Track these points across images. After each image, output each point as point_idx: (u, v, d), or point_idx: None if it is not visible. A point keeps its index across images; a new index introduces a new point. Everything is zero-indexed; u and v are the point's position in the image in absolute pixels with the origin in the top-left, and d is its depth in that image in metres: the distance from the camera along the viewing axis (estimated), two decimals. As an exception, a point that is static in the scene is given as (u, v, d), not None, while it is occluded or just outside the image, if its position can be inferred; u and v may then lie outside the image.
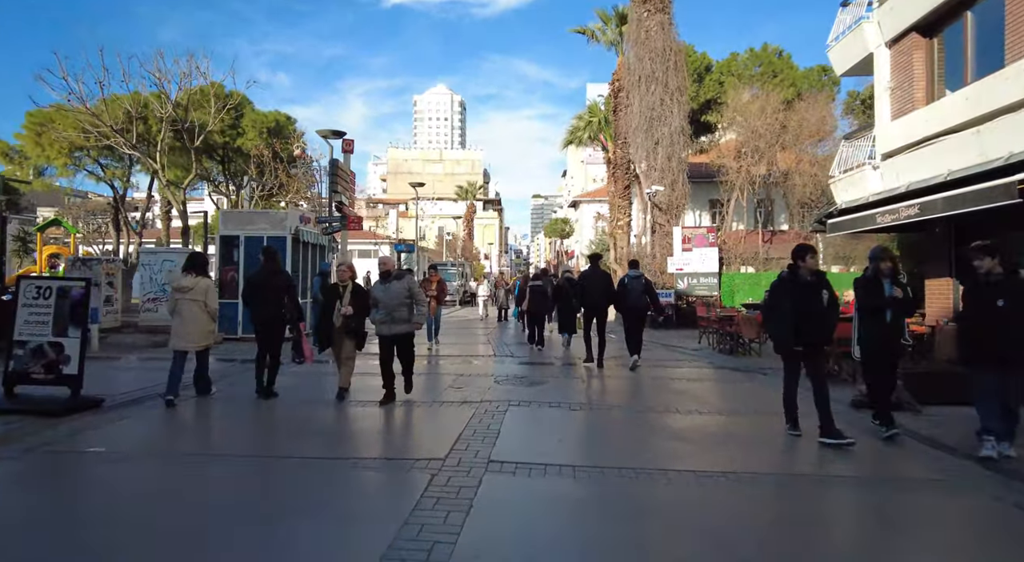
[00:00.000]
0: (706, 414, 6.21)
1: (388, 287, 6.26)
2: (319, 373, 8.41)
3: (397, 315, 6.25)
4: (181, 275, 6.47)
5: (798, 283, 5.08)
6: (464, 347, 12.72)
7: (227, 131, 25.54)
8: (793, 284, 5.10)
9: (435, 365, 9.66)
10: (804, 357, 5.15)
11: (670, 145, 18.61)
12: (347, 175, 10.79)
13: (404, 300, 6.28)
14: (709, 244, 17.70)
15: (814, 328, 4.99)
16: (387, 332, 6.35)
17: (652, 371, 9.44)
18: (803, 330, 4.96)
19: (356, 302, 6.39)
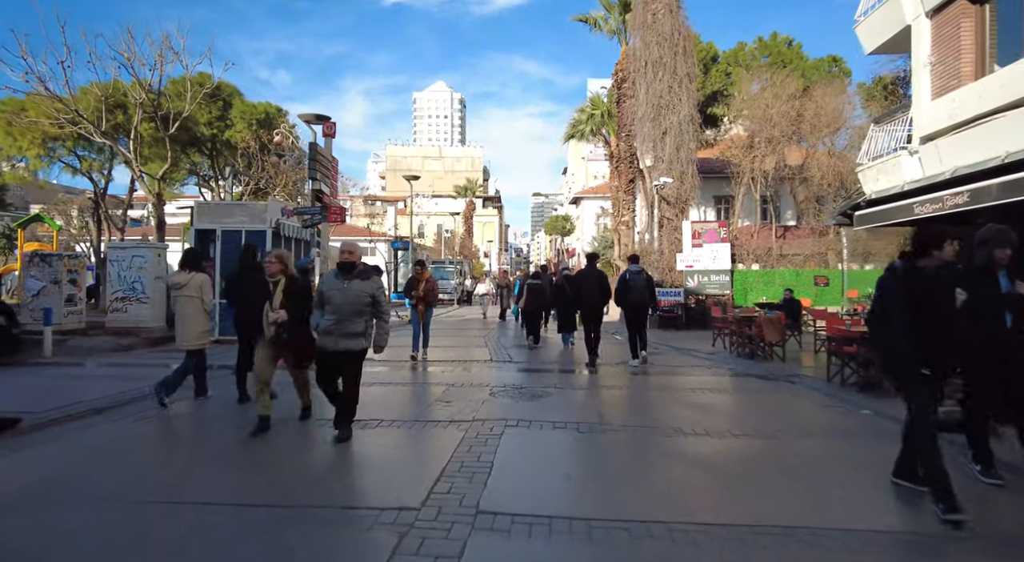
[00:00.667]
0: (742, 437, 5.18)
1: (347, 286, 4.72)
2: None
3: (349, 326, 4.72)
4: (176, 272, 6.38)
5: (923, 280, 3.61)
6: (459, 350, 11.69)
7: (215, 123, 24.46)
8: (917, 281, 3.61)
9: (423, 373, 8.63)
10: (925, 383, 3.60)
11: (679, 135, 17.55)
12: (328, 161, 9.77)
13: (364, 307, 4.79)
14: (721, 239, 16.66)
15: (947, 344, 3.59)
16: (331, 346, 4.75)
17: (668, 379, 8.41)
18: (933, 347, 3.52)
19: (292, 304, 4.89)
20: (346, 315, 4.71)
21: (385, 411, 6.11)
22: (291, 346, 5.01)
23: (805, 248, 17.65)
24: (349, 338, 4.75)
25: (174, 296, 6.26)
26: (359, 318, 4.78)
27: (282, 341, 4.93)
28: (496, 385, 7.48)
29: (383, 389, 7.40)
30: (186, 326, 6.17)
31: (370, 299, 4.78)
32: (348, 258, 4.79)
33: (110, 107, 19.05)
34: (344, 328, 4.73)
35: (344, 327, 4.74)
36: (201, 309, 6.21)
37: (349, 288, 4.72)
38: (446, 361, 9.87)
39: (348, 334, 4.74)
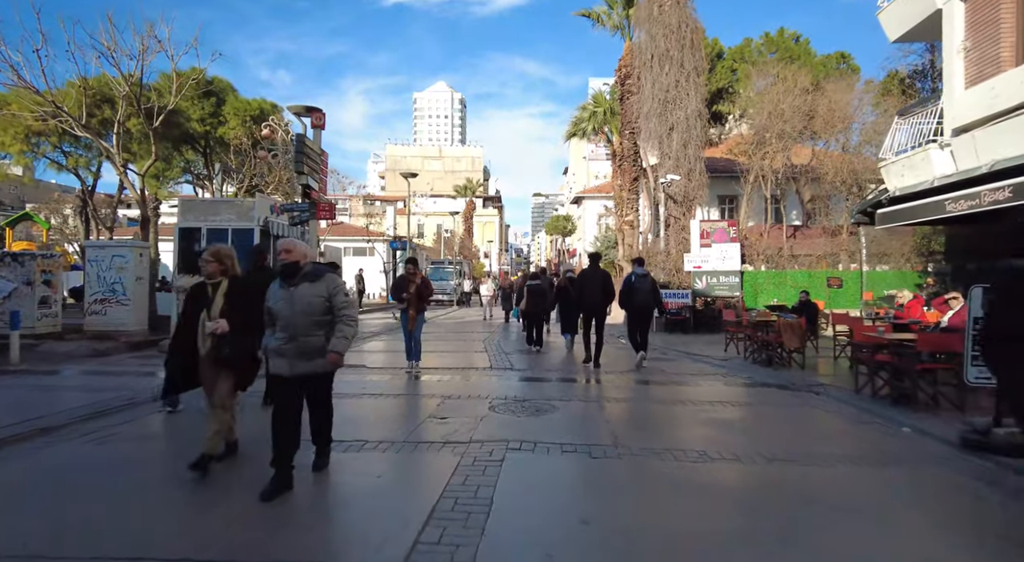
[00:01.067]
0: (776, 463, 4.52)
1: (293, 293, 3.76)
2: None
3: (306, 342, 3.76)
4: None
5: None
6: (457, 356, 11.04)
7: (208, 119, 23.83)
8: None
9: (416, 384, 7.96)
10: None
11: (686, 130, 16.90)
12: (317, 155, 9.13)
13: (320, 316, 3.81)
14: (730, 239, 16.00)
15: None
16: (285, 371, 3.78)
17: (682, 390, 7.75)
18: None
19: (236, 312, 4.05)
20: (300, 329, 3.74)
21: (372, 429, 5.46)
22: (232, 366, 4.09)
23: (817, 248, 16.99)
24: (307, 358, 3.77)
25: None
26: (317, 330, 3.80)
27: (222, 358, 4.03)
28: (496, 397, 6.82)
29: (373, 401, 6.75)
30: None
31: (326, 303, 3.80)
32: (286, 259, 3.77)
33: (97, 102, 18.42)
34: (300, 346, 3.75)
35: (299, 345, 3.75)
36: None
37: (296, 295, 3.75)
38: (443, 368, 9.22)
39: (305, 353, 3.76)
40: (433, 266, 36.90)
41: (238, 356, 4.07)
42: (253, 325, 4.00)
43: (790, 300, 16.09)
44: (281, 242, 3.88)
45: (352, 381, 7.84)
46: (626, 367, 9.64)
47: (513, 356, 10.74)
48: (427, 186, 67.11)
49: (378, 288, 36.28)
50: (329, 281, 3.85)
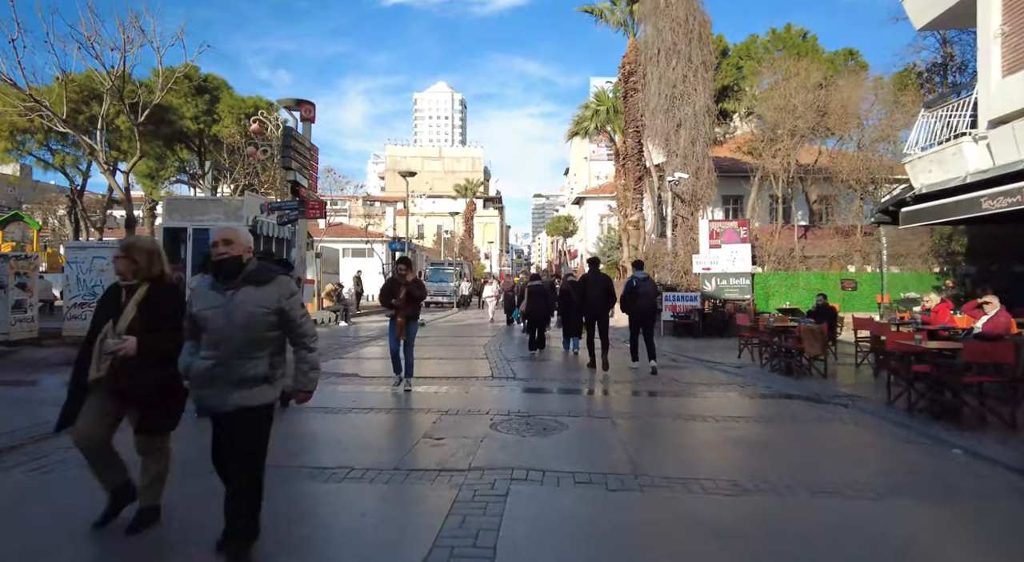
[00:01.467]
0: (822, 495, 3.91)
1: (231, 299, 2.80)
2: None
3: (241, 367, 2.79)
4: (192, 277, 5.95)
5: None
6: (455, 364, 10.43)
7: (201, 117, 23.33)
8: None
9: (411, 397, 7.34)
10: None
11: (694, 127, 16.30)
12: (306, 149, 8.53)
13: (264, 333, 2.86)
14: (741, 239, 15.39)
15: None
16: (215, 403, 2.83)
17: (700, 403, 7.14)
18: None
19: (149, 330, 3.09)
20: (235, 349, 2.76)
21: (359, 452, 4.86)
22: (139, 396, 3.09)
23: (829, 249, 16.37)
24: (241, 387, 2.78)
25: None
26: (258, 352, 2.83)
27: (123, 387, 3.04)
28: (498, 412, 6.22)
29: (363, 418, 6.15)
30: None
31: (274, 317, 2.83)
32: (225, 253, 2.79)
33: (85, 98, 17.87)
34: (232, 372, 2.77)
35: (232, 370, 2.77)
36: None
37: (235, 303, 2.77)
38: (440, 378, 8.61)
39: (239, 381, 2.78)
40: (433, 267, 36.32)
41: (142, 390, 3.05)
42: (168, 344, 3.04)
43: (802, 303, 15.49)
44: (218, 231, 2.91)
45: (342, 393, 7.24)
46: (634, 376, 9.04)
47: (515, 363, 10.14)
48: (426, 185, 66.59)
49: (377, 290, 35.72)
50: (281, 287, 2.85)
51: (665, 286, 15.64)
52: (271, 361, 2.88)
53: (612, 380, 8.64)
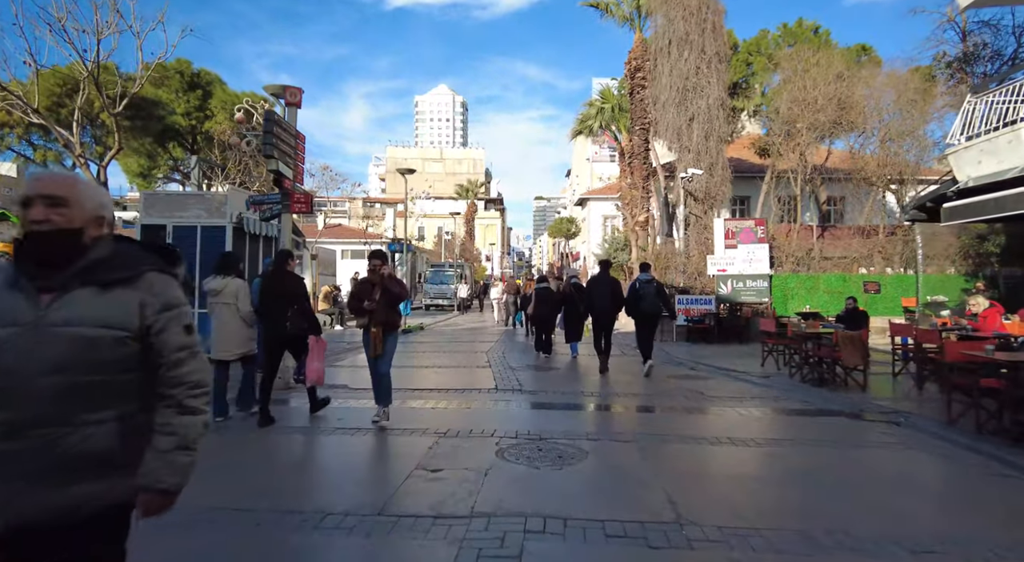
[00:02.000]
0: (925, 557, 3.05)
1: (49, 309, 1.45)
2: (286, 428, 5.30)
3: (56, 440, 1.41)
4: (211, 278, 6.00)
5: None
6: (456, 373, 9.58)
7: (194, 113, 22.55)
8: None
9: (405, 415, 6.47)
10: None
11: (708, 121, 15.47)
12: (291, 136, 7.71)
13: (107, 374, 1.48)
14: (758, 239, 14.54)
15: None
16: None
17: (734, 420, 6.28)
18: None
19: None
20: (41, 407, 1.41)
21: (338, 489, 4.01)
22: None
23: (850, 250, 15.50)
24: (56, 482, 1.42)
25: (209, 303, 5.96)
26: (94, 410, 1.47)
27: None
28: (505, 434, 5.36)
29: (346, 441, 5.29)
30: (221, 335, 5.89)
31: (128, 345, 1.53)
32: (45, 219, 1.47)
33: (68, 91, 17.06)
34: (39, 451, 1.41)
35: (36, 448, 1.40)
36: (238, 317, 5.89)
37: (51, 319, 1.45)
38: (439, 390, 7.74)
39: (52, 469, 1.42)
40: (433, 269, 35.47)
41: None
42: None
43: (823, 306, 14.63)
44: (35, 178, 1.60)
45: (328, 408, 6.39)
46: (650, 387, 8.19)
47: (521, 373, 9.27)
48: (426, 183, 65.77)
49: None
50: (149, 291, 1.57)
51: (678, 289, 14.79)
52: (120, 433, 1.51)
53: (628, 392, 7.79)
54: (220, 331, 5.89)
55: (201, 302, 7.81)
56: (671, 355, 12.10)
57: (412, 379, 8.62)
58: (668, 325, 14.41)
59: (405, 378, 8.43)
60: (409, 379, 8.52)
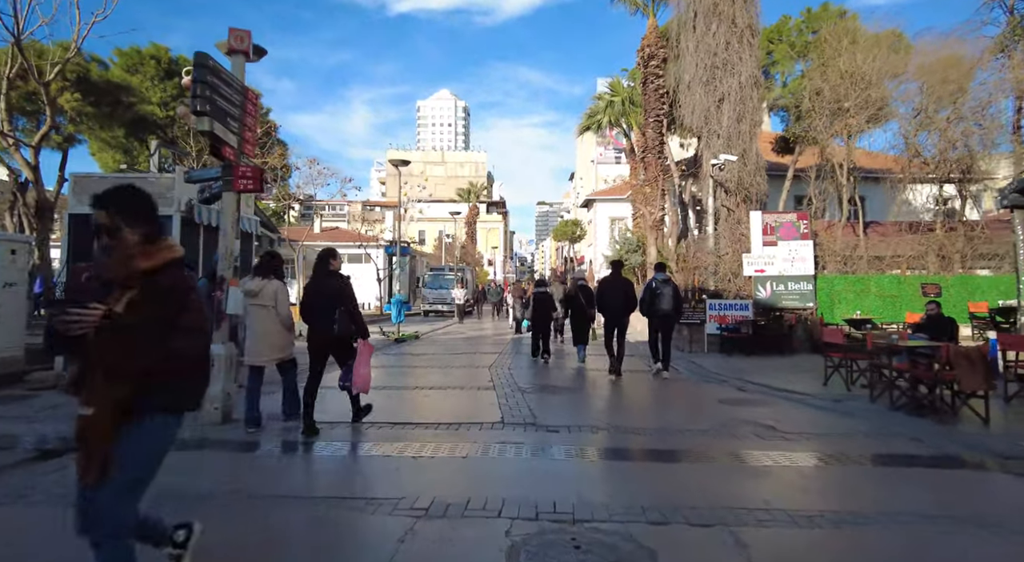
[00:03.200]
0: None
1: None
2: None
3: None
4: (248, 279, 5.74)
5: None
6: (449, 399, 7.71)
7: (171, 103, 20.77)
8: None
9: (365, 478, 4.61)
10: None
11: (740, 102, 13.64)
12: (235, 92, 5.91)
13: None
14: (801, 235, 12.66)
15: None
16: None
17: (850, 480, 4.39)
18: None
19: None
20: None
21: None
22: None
23: (903, 247, 13.57)
24: None
25: (245, 306, 5.68)
26: None
27: None
28: (520, 514, 3.46)
29: (278, 519, 3.41)
30: (259, 340, 5.63)
31: None
32: None
33: (21, 73, 15.30)
34: None
35: None
36: (276, 320, 5.60)
37: None
38: (427, 426, 5.86)
39: None
40: (432, 273, 33.76)
41: None
42: None
43: (875, 312, 12.75)
44: None
45: (266, 455, 4.52)
46: (707, 417, 6.30)
47: (533, 397, 7.39)
48: (423, 177, 64.09)
49: (373, 296, 33.22)
50: None
51: (709, 292, 12.92)
52: None
53: (677, 426, 5.91)
54: (257, 335, 5.58)
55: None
56: (706, 369, 10.22)
57: (394, 408, 6.76)
58: (698, 334, 12.53)
59: (385, 406, 6.57)
60: (390, 408, 6.65)
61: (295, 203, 41.96)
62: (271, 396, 6.26)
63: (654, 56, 22.60)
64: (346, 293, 5.43)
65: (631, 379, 9.21)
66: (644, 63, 22.99)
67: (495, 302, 26.64)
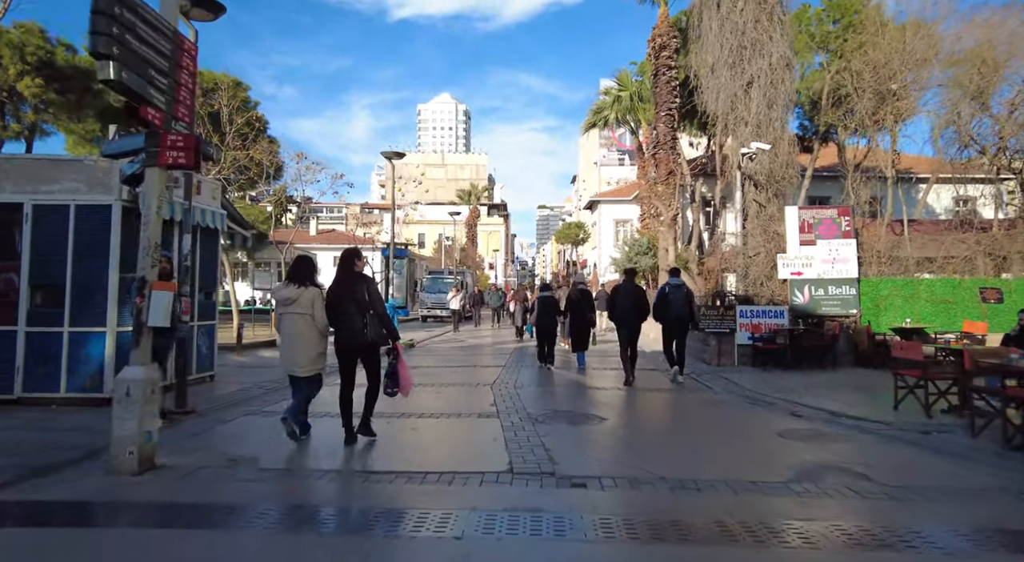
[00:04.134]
0: None
1: None
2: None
3: None
4: (283, 285, 5.44)
5: None
6: (442, 433, 6.24)
7: (149, 93, 19.26)
8: None
9: (350, 524, 3.18)
10: None
11: (770, 86, 12.23)
12: (161, 36, 4.49)
13: None
14: (842, 234, 11.22)
15: None
16: None
17: None
18: None
19: None
20: None
21: None
22: None
23: (957, 248, 12.08)
24: None
25: (279, 313, 5.37)
26: None
27: None
28: None
29: None
30: (296, 348, 5.23)
31: None
32: None
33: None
34: None
35: None
36: (314, 328, 5.25)
37: None
38: (411, 476, 4.37)
39: None
40: (431, 276, 32.39)
41: None
42: None
43: (926, 319, 11.27)
44: None
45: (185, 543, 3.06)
46: (773, 458, 4.83)
47: (546, 428, 5.92)
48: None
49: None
50: None
51: (739, 298, 11.47)
52: None
53: (747, 479, 4.41)
54: (294, 344, 5.28)
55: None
56: (744, 388, 8.77)
57: (371, 447, 5.30)
58: (728, 345, 11.07)
59: (361, 444, 5.14)
60: (367, 448, 5.21)
61: (292, 206, 40.45)
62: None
63: (666, 46, 21.26)
64: (376, 296, 5.27)
65: (658, 399, 7.78)
66: (655, 54, 21.66)
67: (496, 308, 24.88)
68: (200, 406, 6.87)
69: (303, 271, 5.42)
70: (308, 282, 5.35)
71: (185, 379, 6.77)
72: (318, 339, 5.35)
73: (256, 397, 7.78)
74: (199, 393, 7.74)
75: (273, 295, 5.70)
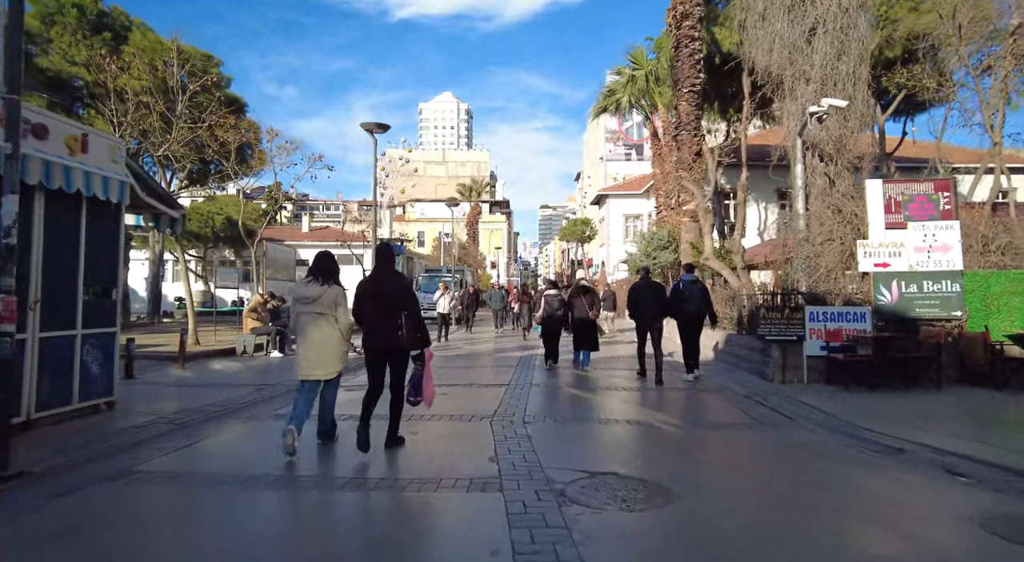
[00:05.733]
0: None
1: None
2: None
3: None
4: (303, 282, 5.06)
5: None
6: (416, 523, 3.79)
7: (100, 64, 16.87)
8: None
9: None
10: None
11: (840, 31, 9.77)
12: None
13: None
14: (941, 214, 8.75)
15: None
16: None
17: None
18: None
19: None
20: None
21: None
22: None
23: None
24: None
25: (296, 313, 5.02)
26: None
27: None
28: None
29: None
30: (317, 350, 4.88)
31: None
32: None
33: None
34: None
35: None
36: (335, 330, 4.94)
37: None
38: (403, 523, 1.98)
39: None
40: (428, 275, 30.08)
41: None
42: None
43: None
44: None
45: None
46: None
47: (575, 511, 3.48)
48: (432, 193, 60.58)
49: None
50: None
51: (804, 296, 9.02)
52: None
53: None
54: (315, 346, 4.87)
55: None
56: (833, 418, 6.34)
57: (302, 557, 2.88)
58: (794, 357, 8.61)
59: (295, 547, 2.72)
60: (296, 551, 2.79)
61: (287, 202, 37.68)
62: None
63: (688, 14, 18.87)
64: (410, 295, 4.93)
65: (737, 446, 5.35)
66: (676, 24, 19.25)
67: (497, 310, 21.80)
68: (43, 460, 4.48)
69: (326, 268, 5.00)
70: (332, 280, 4.98)
71: (7, 424, 4.34)
72: (339, 341, 4.97)
73: (157, 436, 5.39)
74: (73, 431, 5.40)
75: (292, 293, 5.41)
